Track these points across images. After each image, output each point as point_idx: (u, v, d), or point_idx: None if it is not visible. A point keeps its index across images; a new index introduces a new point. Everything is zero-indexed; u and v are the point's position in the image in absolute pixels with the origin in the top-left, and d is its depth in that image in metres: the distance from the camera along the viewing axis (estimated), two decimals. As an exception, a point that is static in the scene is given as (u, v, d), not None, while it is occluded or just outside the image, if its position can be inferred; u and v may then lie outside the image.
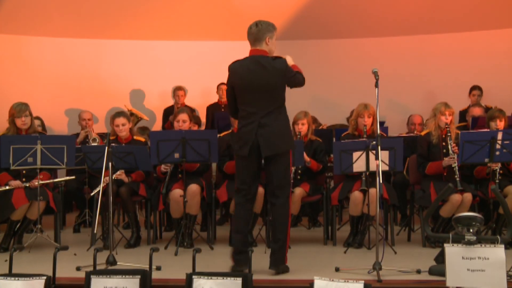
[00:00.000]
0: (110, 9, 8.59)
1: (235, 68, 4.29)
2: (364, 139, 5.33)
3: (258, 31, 4.26)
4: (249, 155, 4.23)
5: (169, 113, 8.27)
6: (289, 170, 4.36)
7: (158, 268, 4.36)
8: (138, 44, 9.31)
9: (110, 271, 3.77)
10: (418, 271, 4.23)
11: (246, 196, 4.31)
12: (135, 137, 5.87)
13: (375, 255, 4.22)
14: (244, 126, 4.26)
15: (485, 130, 5.52)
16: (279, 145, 4.25)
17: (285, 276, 4.26)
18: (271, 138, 4.21)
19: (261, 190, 5.31)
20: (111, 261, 4.38)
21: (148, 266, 3.85)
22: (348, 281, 3.46)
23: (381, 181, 4.19)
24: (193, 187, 5.41)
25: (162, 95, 9.28)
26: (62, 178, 5.90)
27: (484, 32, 8.83)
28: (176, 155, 5.25)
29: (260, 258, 4.43)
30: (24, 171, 5.41)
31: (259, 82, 4.21)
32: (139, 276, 3.62)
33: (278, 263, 4.29)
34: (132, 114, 7.37)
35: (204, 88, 9.10)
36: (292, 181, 5.45)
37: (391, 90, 8.55)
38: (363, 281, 3.49)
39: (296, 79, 4.36)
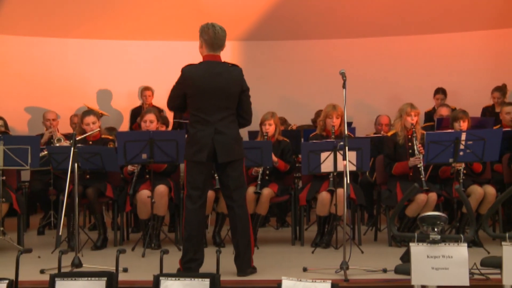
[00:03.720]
0: (78, 7, 8.48)
1: (191, 73, 4.20)
2: (332, 139, 5.37)
3: (224, 38, 4.25)
4: (206, 161, 4.20)
5: (136, 113, 8.21)
6: (243, 174, 4.37)
7: (125, 270, 4.32)
8: (106, 43, 9.20)
9: (75, 274, 3.72)
10: (384, 270, 4.29)
11: (198, 201, 4.24)
12: (103, 136, 5.82)
13: (342, 255, 4.26)
14: (199, 131, 4.20)
15: (449, 130, 5.62)
16: (235, 151, 4.25)
17: (253, 277, 4.27)
18: (227, 144, 4.21)
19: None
20: (77, 263, 4.32)
21: (114, 268, 3.81)
22: (315, 281, 3.49)
23: (348, 182, 4.24)
24: (161, 188, 5.38)
25: (129, 95, 9.20)
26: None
27: (449, 34, 9.00)
28: (144, 156, 5.22)
29: (229, 258, 4.42)
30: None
31: (218, 88, 4.18)
32: (105, 278, 3.58)
33: (245, 267, 4.29)
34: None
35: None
36: (259, 182, 5.50)
37: (359, 91, 8.65)
38: (330, 281, 3.51)
39: (248, 97, 4.36)
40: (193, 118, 4.25)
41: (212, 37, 4.21)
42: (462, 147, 5.12)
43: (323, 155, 5.15)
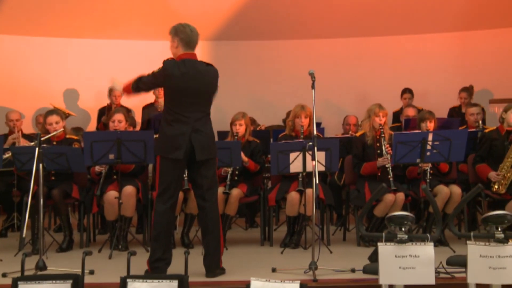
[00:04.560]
0: (44, 5, 8.34)
1: (174, 69, 4.18)
2: (301, 140, 5.39)
3: (198, 35, 4.25)
4: (183, 158, 4.19)
5: (103, 113, 8.10)
6: (216, 174, 4.39)
7: (91, 272, 4.26)
8: (73, 42, 9.06)
9: (39, 277, 3.64)
10: (353, 270, 4.32)
11: (170, 201, 4.21)
12: (67, 136, 5.72)
13: (311, 255, 4.28)
14: (177, 129, 4.18)
15: (417, 131, 5.69)
16: (211, 149, 4.28)
17: (222, 278, 4.26)
18: (205, 142, 4.22)
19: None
20: (41, 266, 4.23)
21: (80, 270, 3.75)
22: (284, 281, 3.49)
23: (317, 182, 4.26)
24: (129, 189, 5.33)
25: (97, 95, 9.07)
26: None
27: (416, 36, 9.13)
28: (111, 156, 5.16)
29: (197, 260, 4.40)
30: None
31: (198, 88, 4.20)
32: (70, 281, 3.51)
33: (214, 268, 4.28)
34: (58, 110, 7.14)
35: (140, 88, 8.96)
36: (228, 182, 5.49)
37: (327, 92, 8.70)
38: (299, 281, 3.52)
39: None
40: (170, 115, 4.21)
41: (189, 35, 4.22)
42: (429, 147, 5.19)
43: (292, 155, 5.16)
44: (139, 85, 4.31)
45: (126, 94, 4.44)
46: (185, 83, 4.17)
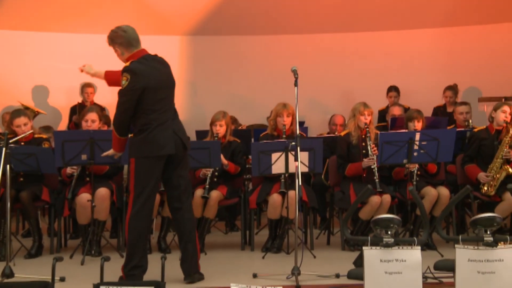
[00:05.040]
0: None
1: (142, 69, 4.14)
2: (283, 139, 5.40)
3: (134, 31, 4.26)
4: (176, 152, 4.20)
5: (76, 112, 8.03)
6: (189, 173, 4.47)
7: (62, 279, 4.23)
8: (42, 36, 8.95)
9: (5, 285, 3.61)
10: (337, 275, 4.34)
11: (148, 204, 4.17)
12: (36, 135, 5.66)
13: (294, 260, 4.29)
14: (157, 127, 4.15)
15: (404, 131, 5.74)
16: (188, 142, 4.38)
17: (200, 284, 4.26)
18: (185, 135, 4.32)
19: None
20: (8, 274, 4.17)
21: (50, 277, 3.72)
22: (265, 288, 3.50)
23: (300, 183, 4.26)
24: (102, 191, 5.30)
25: (69, 92, 8.98)
26: None
27: (402, 31, 9.18)
28: (84, 157, 5.13)
29: (174, 265, 4.39)
30: None
31: (168, 81, 4.28)
32: (40, 289, 3.49)
33: (192, 272, 4.27)
34: (27, 109, 7.06)
35: (115, 85, 8.91)
36: (207, 186, 5.47)
37: (311, 89, 8.71)
38: (281, 287, 3.53)
39: None
40: (146, 117, 4.15)
41: (124, 36, 4.22)
42: (416, 147, 5.24)
43: (274, 156, 5.17)
44: (119, 124, 4.22)
45: (118, 149, 4.35)
46: (157, 79, 4.18)
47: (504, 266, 3.42)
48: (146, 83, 4.12)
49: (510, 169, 5.53)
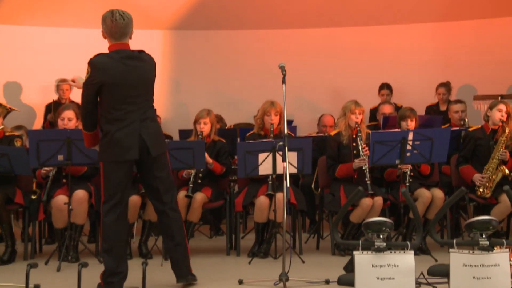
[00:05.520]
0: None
1: (105, 62, 4.12)
2: (270, 139, 5.40)
3: (126, 25, 4.17)
4: (139, 157, 4.15)
5: (51, 110, 7.98)
6: (171, 173, 4.38)
7: (37, 287, 4.20)
8: (13, 29, 8.89)
9: (-22, 292, 3.58)
10: (327, 281, 4.36)
11: (117, 209, 4.15)
12: (7, 133, 5.62)
13: (282, 265, 4.29)
14: (120, 129, 4.12)
15: (396, 130, 5.76)
16: (163, 144, 4.30)
17: (184, 291, 4.25)
18: (156, 136, 4.23)
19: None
20: (-20, 281, 4.18)
21: (24, 284, 3.70)
22: (252, 294, 3.50)
23: (288, 185, 4.28)
24: (80, 193, 5.28)
25: (43, 89, 8.93)
26: None
27: (394, 26, 9.20)
28: (60, 157, 5.11)
29: (156, 271, 4.38)
30: None
31: (137, 77, 4.16)
32: (13, 297, 3.47)
33: (186, 274, 4.28)
34: None
35: (93, 82, 8.86)
36: (191, 185, 5.47)
37: (299, 87, 8.74)
38: (268, 294, 3.54)
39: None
40: (110, 113, 4.14)
41: (110, 26, 4.16)
42: (409, 147, 5.26)
43: (261, 156, 5.18)
44: (83, 118, 4.28)
45: (87, 144, 4.34)
46: (120, 75, 4.12)
47: (500, 271, 3.45)
48: (104, 79, 4.10)
49: (506, 170, 5.57)
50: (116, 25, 4.14)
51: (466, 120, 6.76)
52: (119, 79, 4.12)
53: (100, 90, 4.13)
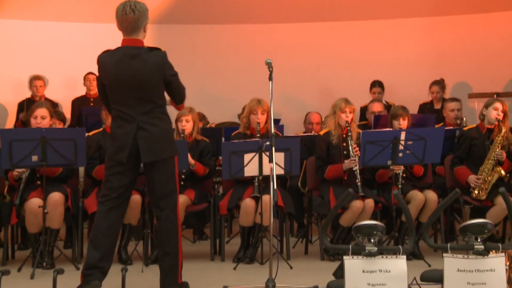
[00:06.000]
0: None
1: (105, 61, 4.20)
2: (256, 139, 5.41)
3: (137, 19, 4.16)
4: (127, 161, 4.17)
5: (24, 108, 7.93)
6: (174, 178, 4.32)
7: (10, 295, 4.18)
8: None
9: None
10: (316, 287, 4.37)
11: (110, 204, 4.21)
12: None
13: (268, 271, 4.30)
14: (119, 127, 4.19)
15: (388, 129, 5.77)
16: (161, 150, 4.23)
17: (165, 298, 4.24)
18: (152, 142, 4.19)
19: (137, 198, 5.27)
20: None
21: (-4, 293, 3.69)
22: (237, 302, 3.51)
23: (275, 187, 4.28)
24: (55, 196, 5.25)
25: (16, 86, 8.87)
26: None
27: (386, 21, 9.25)
28: (34, 158, 5.08)
29: (136, 277, 4.37)
30: None
31: (133, 78, 4.15)
32: (-15, 306, 3.44)
33: (170, 284, 4.27)
34: None
35: (69, 78, 8.83)
36: (174, 188, 5.45)
37: (287, 84, 8.76)
38: (254, 301, 3.54)
39: (178, 83, 4.37)
40: (114, 112, 4.28)
41: (120, 20, 4.18)
42: (401, 147, 5.28)
43: (247, 157, 5.18)
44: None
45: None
46: (118, 73, 4.15)
47: (496, 276, 3.47)
48: (104, 78, 4.24)
49: (502, 171, 5.60)
50: (126, 20, 4.15)
51: (464, 119, 6.79)
52: (112, 80, 4.19)
53: (104, 87, 4.28)
